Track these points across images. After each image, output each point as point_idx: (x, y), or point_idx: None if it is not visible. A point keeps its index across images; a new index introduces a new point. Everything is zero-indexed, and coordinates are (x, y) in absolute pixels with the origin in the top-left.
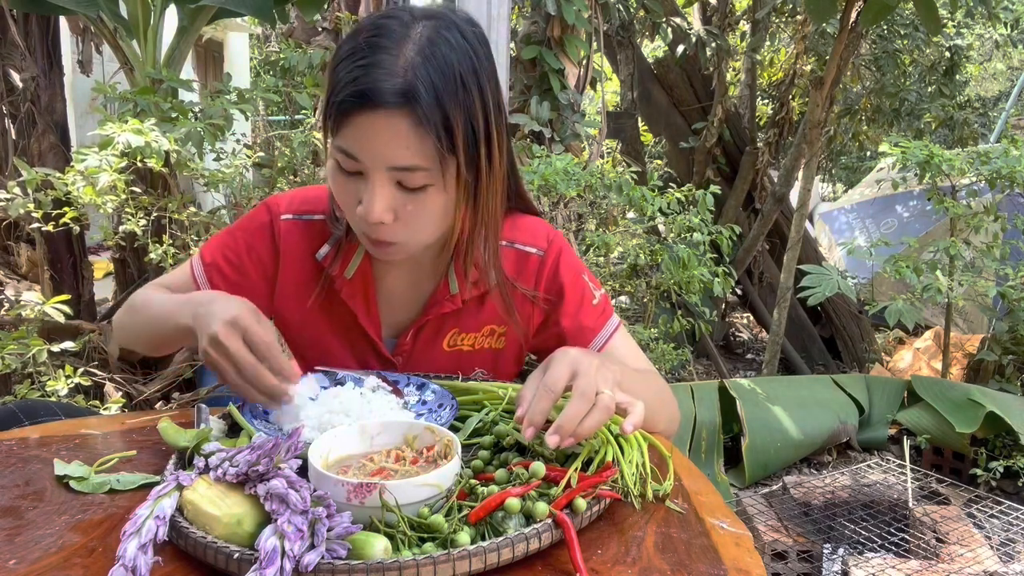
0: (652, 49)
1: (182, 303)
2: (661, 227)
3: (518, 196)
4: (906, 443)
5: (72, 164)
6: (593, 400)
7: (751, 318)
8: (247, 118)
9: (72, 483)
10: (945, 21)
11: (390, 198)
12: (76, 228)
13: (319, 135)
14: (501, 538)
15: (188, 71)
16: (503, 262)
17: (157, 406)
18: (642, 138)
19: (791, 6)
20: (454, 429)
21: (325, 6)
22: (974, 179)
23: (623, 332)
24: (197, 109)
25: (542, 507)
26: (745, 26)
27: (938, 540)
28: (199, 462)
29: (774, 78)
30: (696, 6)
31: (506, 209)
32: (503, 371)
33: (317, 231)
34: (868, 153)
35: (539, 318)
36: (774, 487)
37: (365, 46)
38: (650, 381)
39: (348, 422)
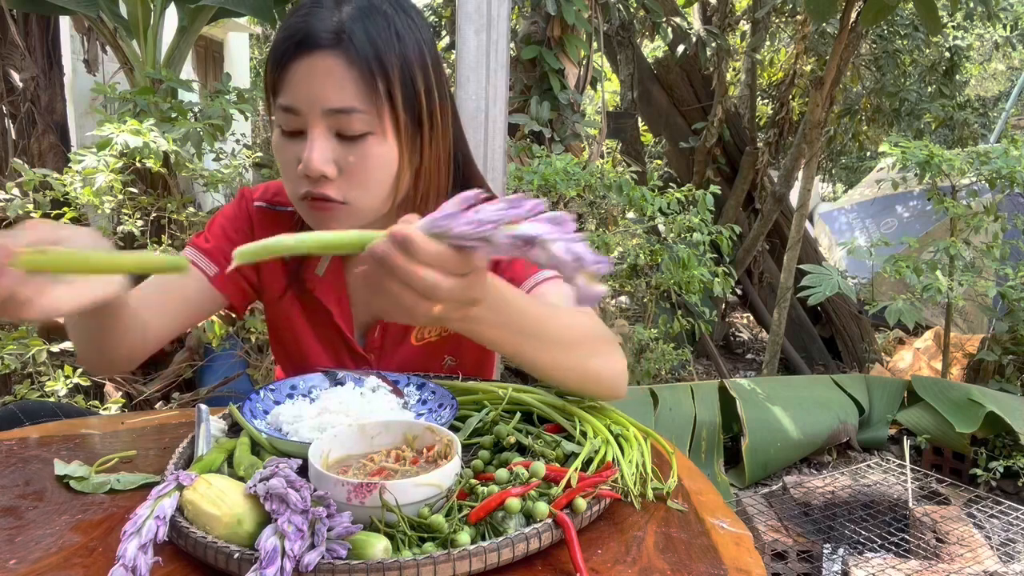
0: (652, 49)
1: None
2: (661, 227)
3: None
4: (906, 443)
5: (70, 164)
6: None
7: (751, 318)
8: (247, 118)
9: (72, 483)
10: (945, 22)
11: (329, 148)
12: None
13: None
14: (501, 538)
15: (188, 71)
16: None
17: (157, 406)
18: (642, 138)
19: (791, 6)
20: (454, 429)
21: None
22: (974, 179)
23: (559, 283)
24: (197, 109)
25: (542, 507)
26: (745, 26)
27: (938, 540)
28: None
29: (774, 78)
30: (696, 6)
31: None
32: (470, 353)
33: (286, 222)
34: (868, 153)
35: None
36: (774, 487)
37: (304, 7)
38: (565, 317)
39: (348, 422)
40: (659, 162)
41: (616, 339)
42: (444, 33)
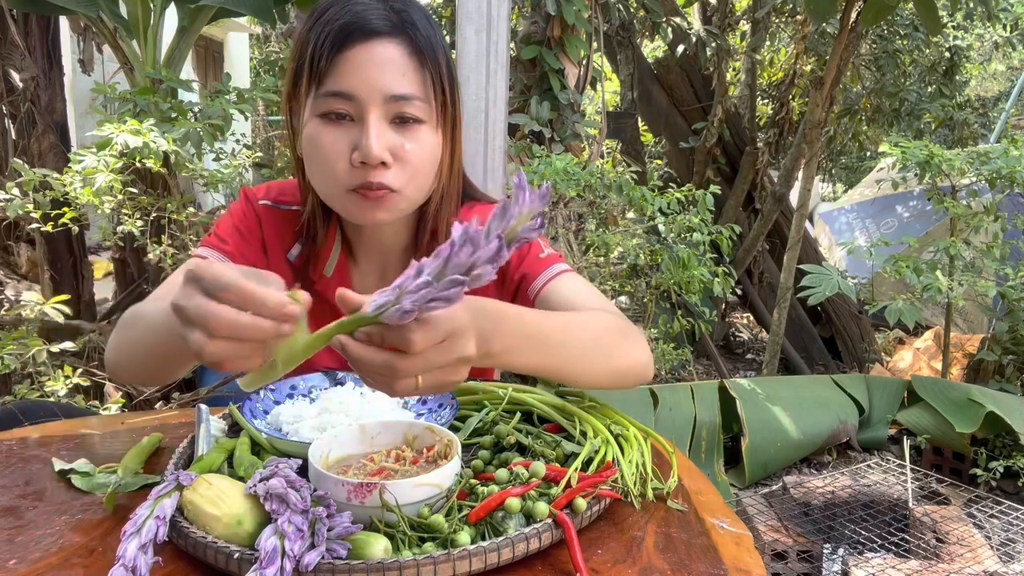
0: (652, 49)
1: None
2: (661, 227)
3: (471, 194)
4: (906, 443)
5: (70, 164)
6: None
7: (751, 318)
8: (247, 118)
9: (75, 478)
10: (945, 22)
11: (388, 135)
12: (75, 228)
13: None
14: (501, 538)
15: (188, 71)
16: None
17: (157, 406)
18: (642, 138)
19: (791, 6)
20: (454, 429)
21: None
22: (974, 179)
23: (571, 276)
24: (197, 109)
25: (542, 507)
26: (745, 26)
27: (938, 540)
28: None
29: (774, 78)
30: (696, 6)
31: (463, 200)
32: None
33: (290, 222)
34: (868, 153)
35: (496, 288)
36: (774, 487)
37: (343, 1)
38: (580, 320)
39: (348, 422)
40: (659, 162)
41: (634, 327)
42: (444, 33)
